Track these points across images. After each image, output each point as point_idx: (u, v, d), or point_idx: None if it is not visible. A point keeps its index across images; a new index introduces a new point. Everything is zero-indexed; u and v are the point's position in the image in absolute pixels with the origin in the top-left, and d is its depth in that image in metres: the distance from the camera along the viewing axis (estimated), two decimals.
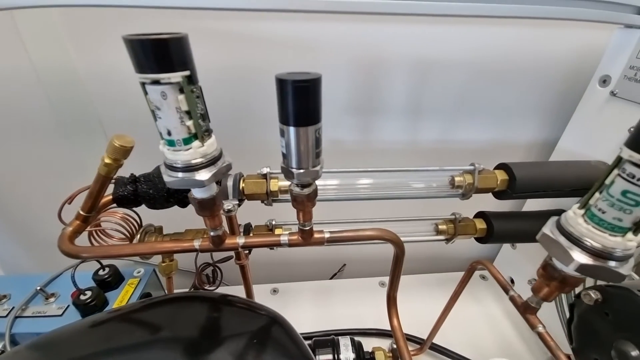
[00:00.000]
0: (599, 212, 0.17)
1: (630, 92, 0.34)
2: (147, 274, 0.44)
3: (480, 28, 0.42)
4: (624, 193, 0.16)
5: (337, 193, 0.37)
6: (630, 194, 0.16)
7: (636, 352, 0.22)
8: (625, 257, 0.17)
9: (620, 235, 0.17)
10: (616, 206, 0.16)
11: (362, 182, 0.37)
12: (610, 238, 0.17)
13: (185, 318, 0.23)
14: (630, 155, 0.15)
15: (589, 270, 0.17)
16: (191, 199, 0.22)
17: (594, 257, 0.17)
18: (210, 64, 0.42)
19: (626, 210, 0.16)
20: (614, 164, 0.16)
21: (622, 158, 0.16)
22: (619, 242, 0.17)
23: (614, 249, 0.17)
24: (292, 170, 0.21)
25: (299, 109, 0.19)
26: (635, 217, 0.16)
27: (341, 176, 0.36)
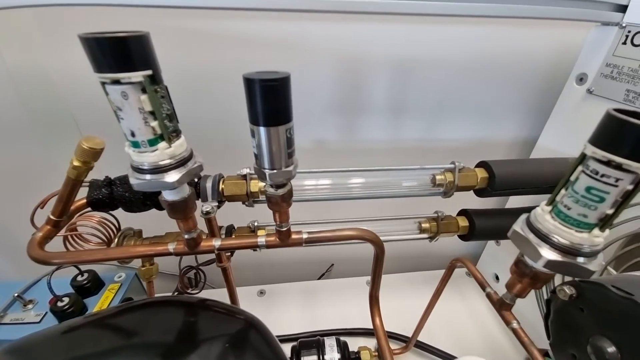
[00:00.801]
0: (564, 209, 0.17)
1: (606, 90, 0.35)
2: (129, 278, 0.44)
3: (460, 27, 0.42)
4: (588, 189, 0.16)
5: (319, 193, 0.36)
6: (594, 190, 0.16)
7: (613, 349, 0.22)
8: (592, 253, 0.17)
9: (586, 232, 0.17)
10: (581, 202, 0.16)
11: (345, 182, 0.37)
12: (577, 234, 0.17)
13: (159, 323, 0.22)
14: (594, 152, 0.15)
15: (557, 267, 0.18)
16: (162, 202, 0.21)
17: (562, 253, 0.18)
18: (192, 64, 0.42)
19: (591, 207, 0.16)
20: (578, 160, 0.16)
21: (585, 155, 0.16)
22: (586, 238, 0.17)
23: (581, 245, 0.17)
24: (264, 171, 0.21)
25: (269, 109, 0.18)
26: (600, 213, 0.16)
27: (323, 176, 0.36)
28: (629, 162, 0.14)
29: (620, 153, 0.15)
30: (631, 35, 0.33)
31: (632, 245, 0.31)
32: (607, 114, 0.15)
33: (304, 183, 0.36)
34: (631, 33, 0.33)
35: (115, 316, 0.24)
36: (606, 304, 0.23)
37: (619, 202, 0.16)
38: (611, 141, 0.15)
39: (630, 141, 0.14)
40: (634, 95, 0.32)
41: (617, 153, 0.15)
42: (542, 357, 0.21)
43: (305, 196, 0.36)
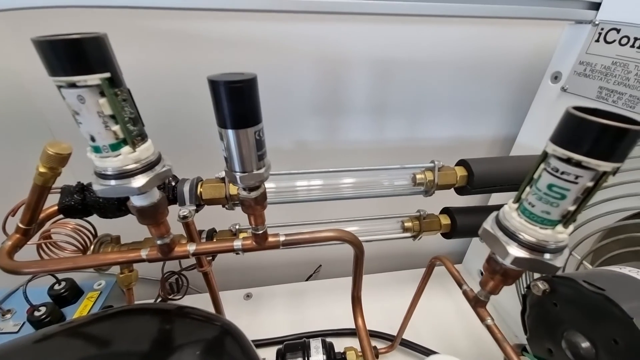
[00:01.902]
0: (529, 206, 0.17)
1: (580, 87, 0.36)
2: (109, 286, 0.43)
3: (438, 28, 0.42)
4: (549, 187, 0.16)
5: (300, 195, 0.36)
6: (556, 188, 0.16)
7: (587, 344, 0.23)
8: (558, 249, 0.18)
9: (550, 228, 0.17)
10: (543, 200, 0.16)
11: (326, 183, 0.37)
12: (541, 231, 0.17)
13: (131, 332, 0.22)
14: (554, 150, 0.16)
15: (524, 263, 0.18)
16: (130, 208, 0.21)
17: (528, 250, 0.18)
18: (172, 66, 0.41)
19: (553, 204, 0.16)
20: (540, 158, 0.17)
21: (547, 153, 0.16)
22: (550, 235, 0.17)
23: (546, 241, 0.17)
24: (235, 174, 0.20)
25: (235, 111, 0.18)
26: (562, 210, 0.16)
27: (303, 177, 0.36)
28: (587, 159, 0.15)
29: (580, 151, 0.15)
30: (604, 32, 0.34)
31: (607, 239, 0.32)
32: (566, 112, 0.15)
33: (284, 185, 0.36)
34: (604, 30, 0.34)
35: (88, 325, 0.23)
36: (578, 298, 0.23)
37: (581, 199, 0.16)
38: (570, 139, 0.15)
39: (588, 139, 0.14)
40: (606, 92, 0.33)
41: (576, 151, 0.15)
42: (515, 354, 0.21)
43: (286, 198, 0.36)
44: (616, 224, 0.31)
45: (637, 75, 0.31)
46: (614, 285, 0.22)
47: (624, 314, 0.20)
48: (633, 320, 0.20)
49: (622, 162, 0.15)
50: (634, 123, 0.14)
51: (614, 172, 0.15)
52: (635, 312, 0.20)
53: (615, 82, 0.32)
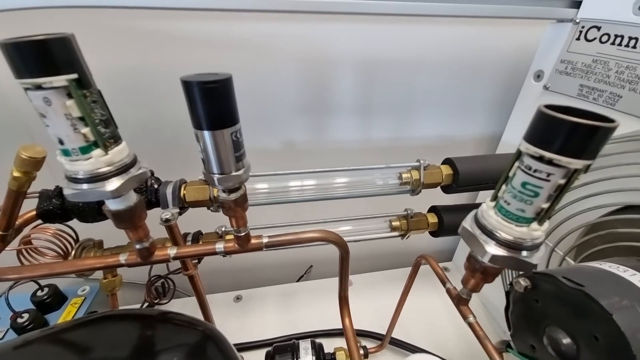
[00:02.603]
0: (505, 204, 0.17)
1: (561, 86, 0.36)
2: (94, 291, 0.42)
3: (424, 27, 0.43)
4: (523, 184, 0.16)
5: (286, 195, 0.36)
6: (529, 185, 0.16)
7: (568, 340, 0.23)
8: (534, 247, 0.18)
9: (525, 226, 0.17)
10: (518, 197, 0.17)
11: (312, 183, 0.37)
12: (517, 229, 0.17)
13: (111, 338, 0.21)
14: (527, 148, 0.16)
15: (501, 261, 0.18)
16: (106, 212, 0.21)
17: (506, 248, 0.18)
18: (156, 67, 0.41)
19: (527, 201, 0.16)
20: (515, 156, 0.17)
21: (521, 151, 0.16)
22: (525, 233, 0.17)
23: (523, 239, 0.17)
24: (212, 176, 0.20)
25: (210, 112, 0.18)
26: (536, 207, 0.16)
27: (289, 178, 0.36)
28: (559, 157, 0.15)
29: (551, 149, 0.15)
30: (585, 30, 0.34)
31: (589, 235, 0.32)
32: (538, 110, 0.15)
33: (272, 185, 0.36)
34: (585, 28, 0.34)
35: (68, 331, 0.23)
36: (559, 295, 0.23)
37: (554, 197, 0.16)
38: (542, 137, 0.15)
39: (559, 137, 0.15)
40: (587, 90, 0.34)
41: (548, 149, 0.15)
42: (495, 351, 0.21)
43: (273, 199, 0.36)
44: (598, 219, 0.31)
45: (617, 73, 0.31)
46: (593, 281, 0.22)
47: (603, 310, 0.20)
48: (612, 317, 0.20)
49: (593, 159, 0.15)
50: (606, 120, 0.14)
51: (586, 169, 0.15)
52: (614, 308, 0.20)
53: (595, 79, 0.33)
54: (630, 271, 0.24)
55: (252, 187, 0.36)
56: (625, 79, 0.31)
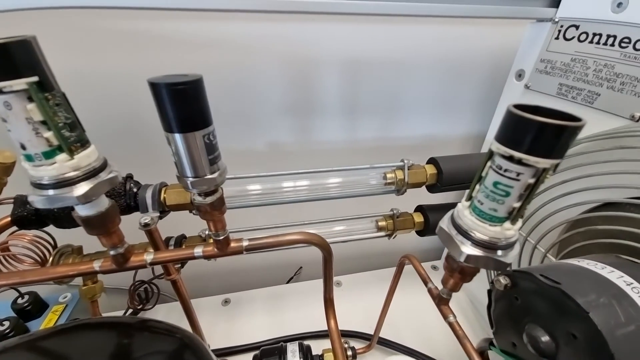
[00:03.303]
0: (478, 204, 0.17)
1: (541, 84, 0.37)
2: (75, 298, 0.41)
3: (407, 27, 0.43)
4: (495, 184, 0.16)
5: (268, 197, 0.36)
6: (500, 185, 0.16)
7: (546, 338, 0.23)
8: (508, 246, 0.18)
9: (498, 225, 0.17)
10: (490, 197, 0.17)
11: (296, 185, 0.36)
12: (490, 228, 0.17)
13: (84, 347, 0.21)
14: (498, 148, 0.16)
15: (476, 261, 0.18)
16: (76, 218, 0.20)
17: (481, 248, 0.18)
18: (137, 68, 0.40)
19: (499, 201, 0.16)
20: (487, 156, 0.17)
21: (492, 151, 0.16)
22: (499, 232, 0.17)
23: (497, 239, 0.17)
24: (186, 179, 0.20)
25: (180, 115, 0.17)
26: (508, 207, 0.16)
27: (272, 180, 0.35)
28: (527, 156, 0.15)
29: (520, 149, 0.15)
30: (563, 29, 0.35)
31: (570, 231, 0.32)
32: (507, 110, 0.15)
33: (253, 188, 0.35)
34: (563, 28, 0.35)
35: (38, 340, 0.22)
36: (537, 292, 0.23)
37: (524, 196, 0.16)
38: (511, 137, 0.15)
39: (527, 136, 0.15)
40: (566, 88, 0.34)
41: (517, 148, 0.15)
42: (474, 351, 0.21)
43: (255, 201, 0.35)
44: (579, 216, 0.31)
45: (595, 71, 0.32)
46: (570, 278, 0.22)
47: (579, 308, 0.20)
48: (589, 314, 0.20)
49: (561, 158, 0.15)
50: (573, 119, 0.14)
51: (554, 168, 0.15)
52: (591, 306, 0.21)
53: (574, 78, 0.33)
54: (608, 268, 0.24)
55: (236, 189, 0.36)
56: (603, 77, 0.31)
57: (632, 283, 0.23)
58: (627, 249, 0.27)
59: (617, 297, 0.21)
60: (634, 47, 0.29)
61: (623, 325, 0.21)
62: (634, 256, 0.26)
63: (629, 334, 0.20)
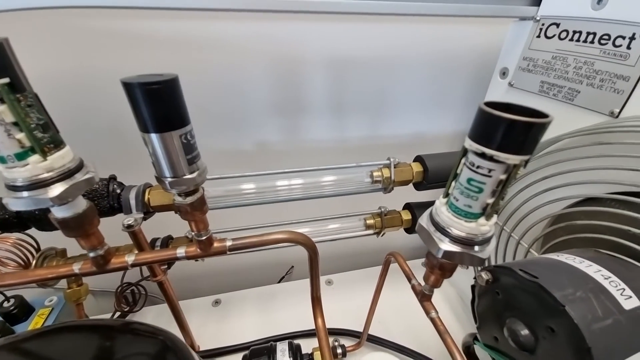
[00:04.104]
0: (454, 201, 0.18)
1: (524, 82, 0.37)
2: (62, 301, 0.41)
3: (394, 25, 0.43)
4: (468, 181, 0.16)
5: (255, 197, 0.36)
6: (474, 182, 0.16)
7: (526, 332, 0.23)
8: (484, 241, 0.18)
9: (473, 221, 0.17)
10: (465, 193, 0.17)
11: (283, 184, 0.36)
12: (466, 224, 0.17)
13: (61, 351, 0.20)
14: (470, 145, 0.16)
15: (453, 257, 0.18)
16: (52, 220, 0.20)
17: (457, 244, 0.18)
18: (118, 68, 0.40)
19: (473, 197, 0.17)
20: (461, 153, 0.17)
21: (466, 148, 0.16)
22: (474, 228, 0.17)
23: (473, 234, 0.18)
24: (164, 180, 0.20)
25: (156, 114, 0.17)
26: (482, 203, 0.17)
27: (258, 179, 0.35)
28: (498, 153, 0.15)
29: (491, 145, 0.15)
30: (545, 27, 0.35)
31: (552, 226, 0.33)
32: (478, 108, 0.15)
33: (240, 187, 0.35)
34: (545, 26, 0.35)
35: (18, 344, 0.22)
36: (517, 287, 0.24)
37: (497, 192, 0.16)
38: (482, 134, 0.15)
39: (497, 133, 0.15)
40: (547, 86, 0.34)
41: (488, 145, 0.15)
42: (454, 346, 0.21)
43: (241, 200, 0.35)
44: (561, 211, 0.32)
45: (575, 68, 0.32)
46: (548, 272, 0.23)
47: (556, 302, 0.21)
48: (565, 308, 0.20)
49: (530, 154, 0.15)
50: (542, 116, 0.15)
51: (524, 164, 0.15)
52: (567, 300, 0.21)
53: (555, 75, 0.33)
54: (587, 262, 0.24)
55: (223, 189, 0.35)
56: (583, 74, 0.31)
57: (610, 277, 0.23)
58: (607, 243, 0.27)
59: (594, 291, 0.22)
60: (613, 44, 0.30)
61: (600, 319, 0.21)
62: (614, 250, 0.27)
63: (606, 327, 0.21)
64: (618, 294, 0.22)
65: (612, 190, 0.28)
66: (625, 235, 0.26)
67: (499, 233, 0.37)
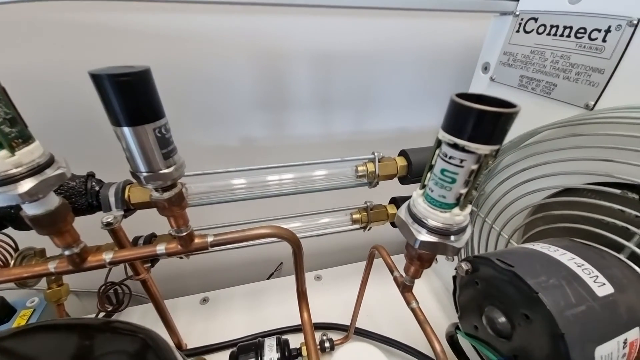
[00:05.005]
0: (430, 192, 0.18)
1: (505, 77, 0.38)
2: (43, 302, 0.40)
3: (378, 20, 0.43)
4: (442, 171, 0.17)
5: (240, 193, 0.35)
6: (447, 172, 0.16)
7: (503, 319, 0.24)
8: (460, 231, 0.18)
9: (448, 212, 0.18)
10: (439, 184, 0.17)
11: (268, 179, 0.36)
12: (441, 215, 0.18)
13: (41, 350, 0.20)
14: (443, 136, 0.16)
15: (429, 247, 0.18)
16: (24, 217, 0.19)
17: (434, 234, 0.18)
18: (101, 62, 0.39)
19: (446, 187, 0.17)
20: (435, 145, 0.17)
21: (440, 139, 0.17)
22: (449, 218, 0.18)
23: (449, 224, 0.18)
24: (139, 174, 0.19)
25: (127, 107, 0.17)
26: (455, 193, 0.17)
27: (242, 175, 0.35)
28: (469, 143, 0.15)
29: (462, 136, 0.15)
30: (524, 22, 0.36)
31: (531, 217, 0.33)
32: (450, 99, 0.16)
33: (225, 183, 0.35)
34: (524, 20, 0.36)
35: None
36: (494, 276, 0.24)
37: (470, 182, 0.16)
38: (454, 125, 0.16)
39: (468, 124, 0.15)
40: (526, 80, 0.35)
41: (460, 136, 0.15)
42: (433, 333, 0.22)
43: (226, 196, 0.35)
44: (541, 201, 0.32)
45: (552, 62, 0.33)
46: (523, 261, 0.23)
47: (530, 289, 0.21)
48: (538, 295, 0.21)
49: (499, 144, 0.15)
50: (511, 106, 0.15)
51: (494, 154, 0.15)
52: (540, 287, 0.21)
53: (534, 70, 0.34)
54: (561, 251, 0.25)
55: (207, 185, 0.35)
56: (559, 68, 0.32)
57: (583, 264, 0.24)
58: (583, 233, 0.28)
59: (567, 278, 0.23)
60: (589, 37, 0.30)
61: (573, 305, 0.21)
62: (589, 239, 0.27)
63: (579, 313, 0.21)
64: (591, 281, 0.23)
65: (588, 181, 0.29)
66: (599, 224, 0.27)
67: (481, 225, 0.37)
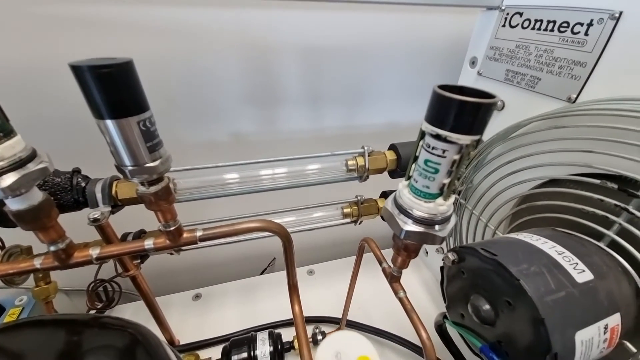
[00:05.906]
0: (414, 182, 0.18)
1: (491, 71, 0.38)
2: (32, 300, 0.39)
3: (368, 14, 0.43)
4: (425, 162, 0.17)
5: (231, 188, 0.35)
6: (430, 163, 0.17)
7: (487, 307, 0.25)
8: (444, 220, 0.19)
9: (432, 202, 0.18)
10: (422, 175, 0.17)
11: (258, 174, 0.36)
12: (425, 205, 0.18)
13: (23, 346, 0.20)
14: (426, 127, 0.16)
15: (414, 237, 0.19)
16: (8, 213, 0.19)
17: (419, 224, 0.19)
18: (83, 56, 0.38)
19: (430, 178, 0.17)
20: (419, 136, 0.17)
21: (423, 131, 0.17)
22: (432, 208, 0.18)
23: (433, 214, 0.18)
24: (124, 168, 0.19)
25: (109, 100, 0.17)
26: (438, 183, 0.17)
27: (233, 169, 0.35)
28: (450, 134, 0.15)
29: (445, 127, 0.16)
30: (509, 17, 0.36)
31: (516, 207, 0.34)
32: (433, 91, 0.16)
33: (211, 178, 0.35)
34: (509, 15, 0.36)
35: None
36: (479, 266, 0.25)
37: (452, 172, 0.17)
38: (436, 116, 0.16)
39: (449, 115, 0.15)
40: (512, 74, 0.36)
41: (442, 127, 0.16)
42: (419, 322, 0.22)
43: (216, 192, 0.35)
44: (527, 192, 0.33)
45: (536, 56, 0.33)
46: (507, 250, 0.24)
47: (512, 277, 0.22)
48: (520, 282, 0.22)
49: (480, 134, 0.16)
50: (491, 97, 0.15)
51: (475, 144, 0.16)
52: (522, 274, 0.22)
53: (518, 64, 0.35)
54: (542, 240, 0.26)
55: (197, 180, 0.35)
56: (543, 62, 0.33)
57: (564, 252, 0.25)
58: (565, 222, 0.29)
59: (547, 265, 0.23)
60: (572, 31, 0.31)
61: (553, 291, 0.22)
62: (571, 228, 0.28)
63: (559, 299, 0.22)
64: (571, 268, 0.24)
65: (571, 172, 0.29)
66: (581, 213, 0.28)
67: (469, 217, 0.38)
